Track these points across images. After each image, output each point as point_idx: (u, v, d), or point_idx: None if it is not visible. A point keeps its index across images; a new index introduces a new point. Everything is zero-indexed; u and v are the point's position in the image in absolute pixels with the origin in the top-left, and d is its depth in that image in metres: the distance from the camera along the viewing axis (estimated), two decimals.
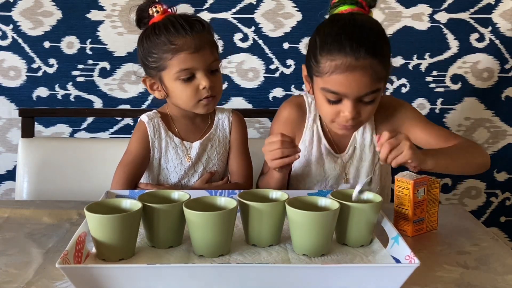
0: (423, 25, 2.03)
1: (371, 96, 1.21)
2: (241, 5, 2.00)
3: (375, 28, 1.23)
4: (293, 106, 1.40)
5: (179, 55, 1.28)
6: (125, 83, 2.05)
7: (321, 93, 1.23)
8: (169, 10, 1.34)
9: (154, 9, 1.31)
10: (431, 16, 2.02)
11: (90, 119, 2.09)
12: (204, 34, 1.31)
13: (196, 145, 1.40)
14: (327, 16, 1.30)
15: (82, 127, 2.08)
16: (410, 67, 2.06)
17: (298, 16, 2.00)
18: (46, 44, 2.01)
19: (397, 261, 0.96)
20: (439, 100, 2.08)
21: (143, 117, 1.40)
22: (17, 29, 2.00)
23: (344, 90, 1.19)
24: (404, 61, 2.05)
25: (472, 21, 2.02)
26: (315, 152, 1.37)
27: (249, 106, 2.06)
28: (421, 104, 2.08)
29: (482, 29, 2.03)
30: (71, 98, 2.05)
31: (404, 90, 2.07)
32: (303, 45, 2.02)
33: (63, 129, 2.08)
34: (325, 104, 1.24)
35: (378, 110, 1.30)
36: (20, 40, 2.00)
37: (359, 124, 1.29)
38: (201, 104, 1.33)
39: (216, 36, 1.38)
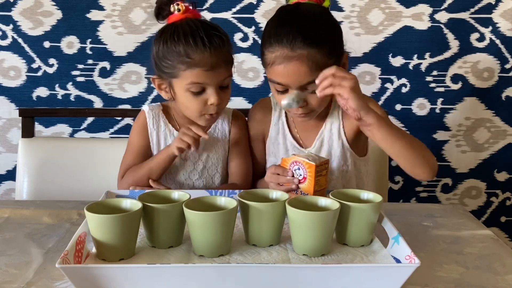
0: (423, 25, 2.03)
1: (315, 85, 1.18)
2: (241, 5, 2.00)
3: (317, 16, 1.22)
4: (257, 108, 1.46)
5: (194, 69, 1.25)
6: (125, 83, 2.05)
7: (270, 84, 1.27)
8: (190, 7, 1.30)
9: (176, 7, 1.28)
10: (431, 16, 2.02)
11: (90, 119, 2.09)
12: (222, 50, 1.28)
13: None
14: None
15: (82, 127, 2.08)
16: (410, 67, 2.06)
17: None
18: (46, 44, 2.01)
19: (398, 261, 0.96)
20: (440, 100, 2.08)
21: (145, 107, 1.41)
22: (17, 29, 2.00)
23: (285, 80, 1.21)
24: (404, 61, 2.05)
25: (472, 21, 2.02)
26: (282, 147, 1.38)
27: (249, 106, 2.04)
28: (422, 104, 2.08)
29: (482, 29, 2.03)
30: (71, 98, 2.05)
31: (404, 90, 2.07)
32: None
33: (63, 129, 2.08)
34: (276, 95, 1.28)
35: None
36: (20, 40, 2.01)
37: (312, 112, 1.28)
38: (203, 118, 1.33)
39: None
